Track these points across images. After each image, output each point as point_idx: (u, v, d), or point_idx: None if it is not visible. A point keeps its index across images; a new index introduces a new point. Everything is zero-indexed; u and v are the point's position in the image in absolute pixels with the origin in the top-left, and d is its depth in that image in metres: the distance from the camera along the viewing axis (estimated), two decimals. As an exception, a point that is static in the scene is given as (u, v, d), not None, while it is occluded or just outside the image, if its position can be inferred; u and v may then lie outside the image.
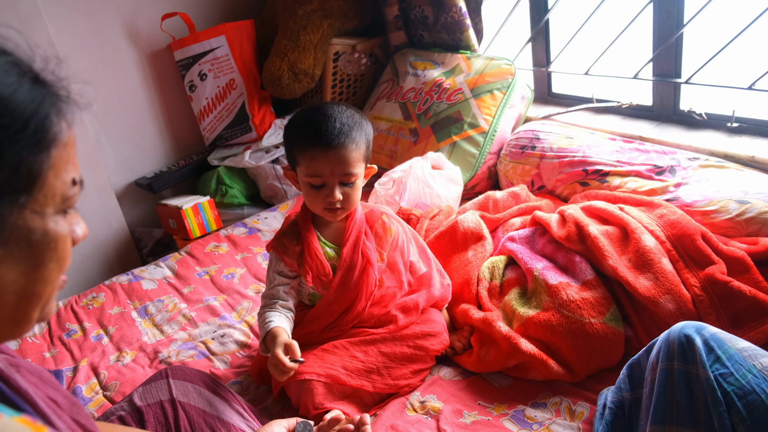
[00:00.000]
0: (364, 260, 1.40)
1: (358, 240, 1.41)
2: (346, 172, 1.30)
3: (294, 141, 1.33)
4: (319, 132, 1.27)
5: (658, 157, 1.79)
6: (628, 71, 2.08)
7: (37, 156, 0.53)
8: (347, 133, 1.28)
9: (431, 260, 1.56)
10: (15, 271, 0.54)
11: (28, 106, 0.53)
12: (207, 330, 1.74)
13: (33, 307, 0.57)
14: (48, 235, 0.56)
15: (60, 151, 0.56)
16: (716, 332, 1.02)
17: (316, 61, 2.50)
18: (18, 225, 0.53)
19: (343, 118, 1.29)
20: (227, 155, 2.63)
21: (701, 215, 1.56)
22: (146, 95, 2.65)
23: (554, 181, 1.95)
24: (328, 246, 1.41)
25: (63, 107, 0.56)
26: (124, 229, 2.58)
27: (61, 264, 0.58)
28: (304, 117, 1.34)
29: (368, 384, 1.36)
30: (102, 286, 2.05)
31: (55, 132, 0.55)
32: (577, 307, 1.37)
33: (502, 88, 2.19)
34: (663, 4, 1.89)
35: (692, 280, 1.38)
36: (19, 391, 0.64)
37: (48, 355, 1.75)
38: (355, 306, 1.41)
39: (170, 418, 1.17)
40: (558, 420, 1.26)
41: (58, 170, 0.56)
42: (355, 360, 1.36)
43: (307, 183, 1.32)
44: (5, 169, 0.51)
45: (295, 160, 1.34)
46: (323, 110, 1.31)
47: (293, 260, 1.38)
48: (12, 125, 0.52)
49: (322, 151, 1.28)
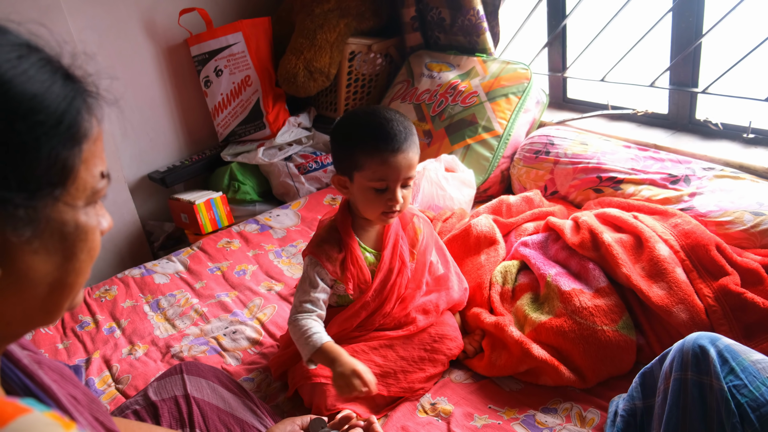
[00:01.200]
0: (400, 263, 1.41)
1: (396, 244, 1.42)
2: (410, 175, 1.30)
3: (357, 145, 1.28)
4: (388, 136, 1.26)
5: (673, 166, 1.79)
6: (644, 79, 2.07)
7: (71, 150, 0.55)
8: (410, 136, 1.28)
9: (450, 262, 1.57)
10: (49, 262, 0.56)
11: (61, 102, 0.54)
12: (219, 326, 1.75)
13: (65, 297, 0.59)
14: (80, 227, 0.57)
15: (90, 146, 0.57)
16: (730, 344, 1.02)
17: (331, 60, 2.51)
18: (52, 218, 0.55)
19: (403, 121, 1.29)
20: (240, 151, 2.64)
21: (715, 226, 1.56)
22: (162, 89, 2.66)
23: (568, 187, 1.95)
24: (368, 251, 1.41)
25: (92, 103, 0.58)
26: (136, 222, 2.60)
27: (91, 255, 0.60)
28: (366, 121, 1.30)
29: (383, 389, 1.37)
30: (115, 279, 2.07)
31: (86, 127, 0.57)
32: (590, 314, 1.38)
33: (517, 93, 2.19)
34: (683, 13, 1.89)
35: (706, 290, 1.38)
36: (43, 387, 0.65)
37: (61, 347, 1.76)
38: (384, 307, 1.41)
39: (184, 413, 1.18)
40: (568, 426, 1.27)
41: (89, 164, 0.57)
42: (373, 364, 1.37)
43: (371, 188, 1.29)
44: (42, 163, 0.53)
45: (356, 165, 1.29)
46: (382, 114, 1.29)
47: (336, 268, 1.36)
48: (47, 121, 0.53)
49: (392, 155, 1.26)
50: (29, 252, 0.54)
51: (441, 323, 1.47)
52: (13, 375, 0.64)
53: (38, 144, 0.52)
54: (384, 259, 1.39)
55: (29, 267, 0.54)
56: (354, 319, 1.40)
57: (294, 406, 1.43)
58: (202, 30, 2.58)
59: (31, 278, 0.55)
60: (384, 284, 1.39)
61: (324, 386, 1.33)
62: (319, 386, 1.34)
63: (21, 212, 0.52)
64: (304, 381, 1.37)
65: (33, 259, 0.54)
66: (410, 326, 1.43)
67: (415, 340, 1.42)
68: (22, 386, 0.64)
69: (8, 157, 0.51)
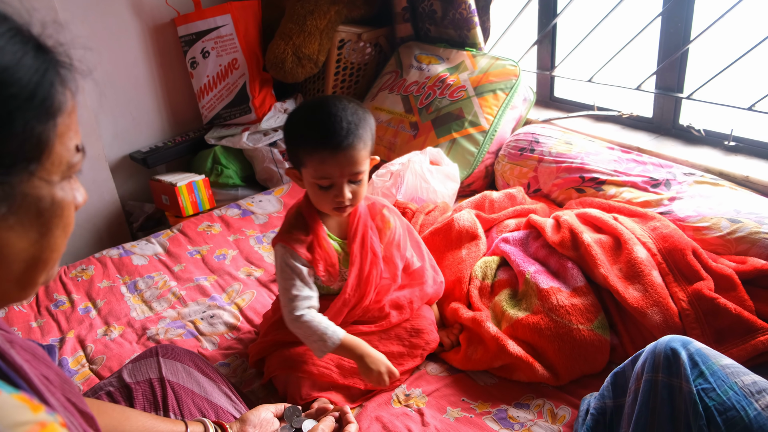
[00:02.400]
0: (372, 254, 1.41)
1: (365, 235, 1.40)
2: (355, 171, 1.27)
3: (299, 143, 1.27)
4: (327, 134, 1.22)
5: (655, 170, 1.81)
6: (631, 82, 2.09)
7: (45, 124, 0.54)
8: (355, 132, 1.23)
9: (425, 255, 1.56)
10: (24, 238, 0.55)
11: (34, 74, 0.53)
12: (196, 309, 1.74)
13: (39, 272, 0.59)
14: (56, 202, 0.57)
15: (65, 119, 0.56)
16: (701, 348, 1.04)
17: (320, 47, 2.49)
18: (28, 193, 0.54)
19: (349, 115, 1.24)
20: (225, 135, 2.62)
21: (693, 231, 1.59)
22: (146, 69, 2.63)
23: (550, 186, 1.97)
24: (333, 239, 1.40)
25: (66, 74, 0.57)
26: (115, 201, 2.57)
27: (66, 230, 0.60)
28: (309, 117, 1.28)
29: (361, 383, 1.37)
30: (92, 259, 2.04)
31: (60, 100, 0.56)
32: (566, 312, 1.39)
33: (505, 89, 2.20)
34: (672, 18, 1.90)
35: (680, 294, 1.40)
36: (15, 367, 0.64)
37: (35, 325, 1.74)
38: (363, 301, 1.41)
39: (159, 396, 1.18)
40: (539, 422, 1.29)
41: (64, 138, 0.56)
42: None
43: (315, 184, 1.28)
44: (16, 138, 0.52)
45: (300, 162, 1.28)
46: (328, 109, 1.24)
47: (305, 251, 1.35)
48: (20, 94, 0.52)
49: (332, 155, 1.23)
50: (5, 228, 0.53)
51: (418, 317, 1.47)
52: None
53: (12, 118, 0.51)
54: (354, 252, 1.38)
55: (4, 243, 0.54)
56: (338, 316, 1.39)
57: (269, 393, 1.43)
58: (190, 10, 2.55)
59: (6, 255, 0.54)
60: (360, 277, 1.39)
61: (298, 378, 1.33)
62: (294, 376, 1.34)
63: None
64: (282, 372, 1.37)
65: (8, 235, 0.54)
66: (383, 321, 1.44)
67: (393, 336, 1.43)
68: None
69: None
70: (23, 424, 0.48)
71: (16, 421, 0.48)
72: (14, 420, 0.48)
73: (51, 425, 0.50)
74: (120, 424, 1.00)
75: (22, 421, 0.48)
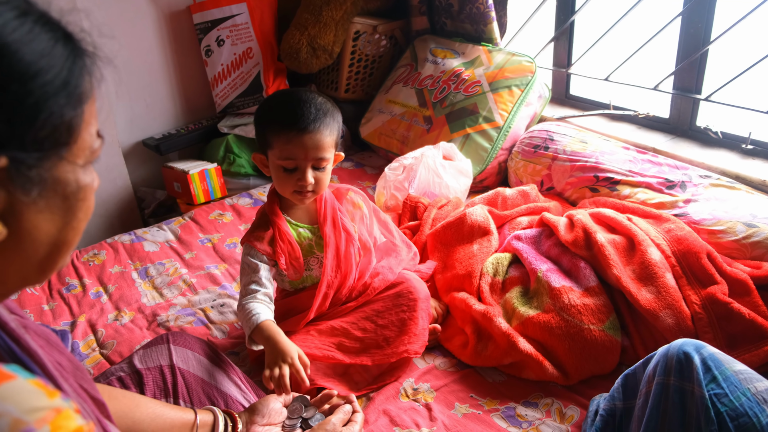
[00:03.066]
0: (346, 234, 1.44)
1: (335, 217, 1.44)
2: (319, 156, 1.32)
3: (268, 124, 1.33)
4: (295, 116, 1.28)
5: (670, 171, 1.80)
6: (648, 81, 2.07)
7: (75, 111, 0.56)
8: (322, 118, 1.30)
9: (393, 231, 1.62)
10: (51, 221, 0.57)
11: (65, 61, 0.55)
12: (207, 298, 1.74)
13: (61, 255, 0.61)
14: (80, 186, 0.59)
15: (90, 106, 0.59)
16: (715, 352, 1.03)
17: (336, 38, 2.48)
18: (57, 177, 0.56)
19: (318, 104, 1.31)
20: (238, 124, 2.62)
21: (707, 234, 1.58)
22: (161, 55, 2.63)
23: (564, 184, 1.96)
24: (302, 227, 1.43)
25: (90, 63, 0.59)
26: (128, 187, 2.58)
27: (87, 213, 0.62)
28: (279, 101, 1.34)
29: (367, 359, 1.38)
30: (104, 244, 2.05)
31: (87, 87, 0.58)
32: (578, 312, 1.39)
33: (520, 85, 2.18)
34: (692, 18, 1.88)
35: (693, 297, 1.40)
36: (29, 352, 0.65)
37: (47, 308, 1.75)
38: (346, 279, 1.44)
39: (169, 383, 1.19)
40: (548, 421, 1.29)
41: (88, 124, 0.59)
42: (353, 339, 1.39)
43: (280, 166, 1.33)
44: (50, 123, 0.54)
45: (267, 143, 1.34)
46: (297, 95, 1.32)
47: (265, 246, 1.38)
48: (54, 81, 0.54)
49: (297, 135, 1.29)
50: (35, 211, 0.55)
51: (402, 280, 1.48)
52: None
53: (47, 105, 0.53)
54: (327, 233, 1.42)
55: (33, 226, 0.56)
56: (325, 300, 1.42)
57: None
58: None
59: (34, 237, 0.56)
60: (337, 258, 1.42)
61: None
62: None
63: (32, 172, 0.53)
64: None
65: (37, 218, 0.56)
66: (367, 291, 1.46)
67: (390, 305, 1.44)
68: (8, 351, 0.64)
69: (22, 119, 0.52)
70: (39, 410, 0.48)
71: (32, 407, 0.48)
72: (30, 405, 0.48)
73: (66, 411, 0.50)
74: (130, 410, 1.00)
75: (38, 406, 0.48)
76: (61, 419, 0.49)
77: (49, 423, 0.48)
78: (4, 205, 0.53)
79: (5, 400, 0.47)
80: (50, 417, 0.48)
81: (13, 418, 0.46)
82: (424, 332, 1.44)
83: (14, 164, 0.52)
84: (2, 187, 0.52)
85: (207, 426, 1.08)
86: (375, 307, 1.44)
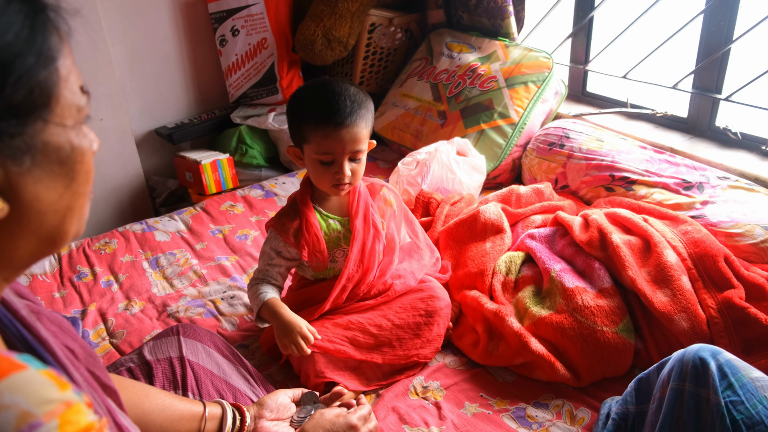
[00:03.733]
0: (374, 230, 1.43)
1: (367, 211, 1.43)
2: (356, 149, 1.31)
3: (303, 118, 1.31)
4: (331, 110, 1.27)
5: (688, 172, 1.77)
6: (667, 80, 2.04)
7: (47, 69, 0.54)
8: (357, 111, 1.29)
9: (419, 232, 1.60)
10: (52, 189, 0.56)
11: (25, 19, 0.53)
12: (217, 289, 1.74)
13: (70, 222, 0.59)
14: (75, 149, 0.57)
15: (64, 61, 0.56)
16: (731, 359, 1.02)
17: (351, 30, 2.46)
18: (47, 142, 0.54)
19: (352, 95, 1.29)
20: (251, 114, 2.61)
21: (725, 237, 1.55)
22: (176, 44, 2.62)
23: (579, 183, 1.93)
24: (332, 218, 1.42)
25: (54, 16, 0.56)
26: (140, 176, 2.58)
27: (88, 176, 0.60)
28: (313, 94, 1.32)
29: (378, 356, 1.38)
30: (115, 232, 2.05)
31: (56, 42, 0.55)
32: (591, 313, 1.37)
33: (537, 81, 2.16)
34: (714, 16, 1.85)
35: (709, 301, 1.37)
36: (41, 339, 0.64)
37: (57, 295, 1.76)
38: (366, 275, 1.43)
39: (178, 375, 1.18)
40: (558, 423, 1.27)
41: (67, 81, 0.56)
42: (367, 335, 1.38)
43: (317, 160, 1.32)
44: (22, 86, 0.52)
45: (303, 138, 1.32)
46: (331, 87, 1.30)
47: (290, 236, 1.38)
48: (17, 41, 0.52)
49: (335, 130, 1.27)
50: (32, 181, 0.54)
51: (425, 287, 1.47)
52: (11, 326, 0.63)
53: (14, 67, 0.51)
54: (356, 227, 1.41)
55: (34, 197, 0.54)
56: (342, 293, 1.41)
57: (287, 377, 1.43)
58: (222, -13, 2.53)
59: (37, 208, 0.55)
60: (362, 253, 1.41)
61: (313, 354, 1.33)
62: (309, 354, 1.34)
63: (17, 141, 0.52)
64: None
65: (37, 188, 0.54)
66: (388, 292, 1.45)
67: (408, 307, 1.43)
68: (20, 338, 0.63)
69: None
70: (50, 403, 0.47)
71: (43, 399, 0.47)
72: (41, 397, 0.47)
73: (77, 405, 0.49)
74: (140, 400, 1.00)
75: (49, 399, 0.47)
76: (71, 413, 0.48)
77: (58, 417, 0.47)
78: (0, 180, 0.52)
79: (15, 392, 0.46)
80: (60, 410, 0.47)
81: (21, 410, 0.45)
82: (438, 339, 1.44)
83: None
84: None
85: (215, 419, 1.08)
86: (393, 307, 1.43)
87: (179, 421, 1.03)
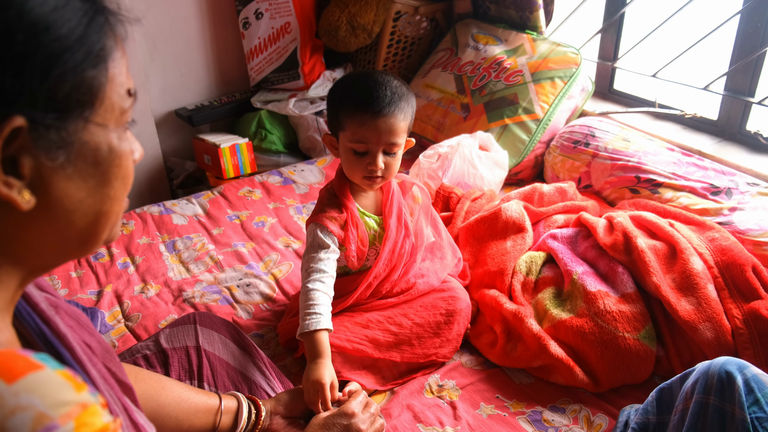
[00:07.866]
0: (405, 230, 1.41)
1: (400, 211, 1.41)
2: (392, 141, 1.28)
3: (342, 105, 1.29)
4: (370, 98, 1.25)
5: (716, 176, 1.73)
6: (698, 81, 1.99)
7: (96, 68, 0.54)
8: (397, 102, 1.27)
9: (442, 232, 1.58)
10: (83, 189, 0.55)
11: (83, 16, 0.53)
12: (233, 276, 1.73)
13: (102, 226, 0.59)
14: (113, 151, 0.57)
15: (115, 63, 0.56)
16: (759, 374, 0.99)
17: (376, 18, 2.42)
18: (85, 141, 0.54)
19: (394, 87, 1.28)
20: (271, 99, 2.59)
21: (753, 245, 1.51)
22: (198, 25, 2.60)
23: (603, 183, 1.90)
24: (368, 216, 1.39)
25: (113, 20, 0.56)
26: (158, 157, 2.57)
27: (126, 182, 0.60)
28: (354, 82, 1.31)
29: (397, 354, 1.36)
30: (133, 214, 2.05)
31: (110, 44, 0.55)
32: (613, 318, 1.35)
33: (564, 77, 2.11)
34: (751, 17, 1.80)
35: (735, 311, 1.34)
36: (59, 334, 0.64)
37: (74, 275, 1.76)
38: (391, 274, 1.41)
39: (194, 365, 1.18)
40: (575, 428, 1.25)
41: (115, 83, 0.56)
42: (387, 333, 1.37)
43: (351, 149, 1.29)
44: (68, 81, 0.51)
45: (340, 125, 1.30)
46: (374, 77, 1.29)
47: (339, 229, 1.35)
48: (70, 35, 0.51)
49: (372, 118, 1.25)
50: (63, 178, 0.53)
51: (447, 287, 1.46)
52: (30, 320, 0.63)
53: (63, 60, 0.51)
54: (390, 227, 1.38)
55: (64, 194, 0.54)
56: (367, 290, 1.40)
57: (302, 369, 1.41)
58: (248, -31, 2.50)
59: (66, 206, 0.54)
60: (393, 252, 1.40)
61: (331, 352, 1.31)
62: None
63: (53, 134, 0.51)
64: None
65: (67, 185, 0.54)
66: (411, 291, 1.43)
67: (429, 306, 1.41)
68: (39, 332, 0.63)
69: (33, 73, 0.49)
70: (65, 404, 0.47)
71: (59, 401, 0.47)
72: (57, 399, 0.47)
73: (92, 407, 0.49)
74: (156, 393, 1.00)
75: (64, 400, 0.47)
76: (86, 415, 0.48)
77: (74, 419, 0.46)
78: (30, 171, 0.51)
79: (31, 392, 0.46)
80: (75, 413, 0.47)
81: (37, 411, 0.45)
82: (458, 339, 1.43)
83: (33, 126, 0.50)
84: (26, 152, 0.50)
85: (231, 412, 1.07)
86: (414, 306, 1.41)
87: (195, 414, 1.02)
